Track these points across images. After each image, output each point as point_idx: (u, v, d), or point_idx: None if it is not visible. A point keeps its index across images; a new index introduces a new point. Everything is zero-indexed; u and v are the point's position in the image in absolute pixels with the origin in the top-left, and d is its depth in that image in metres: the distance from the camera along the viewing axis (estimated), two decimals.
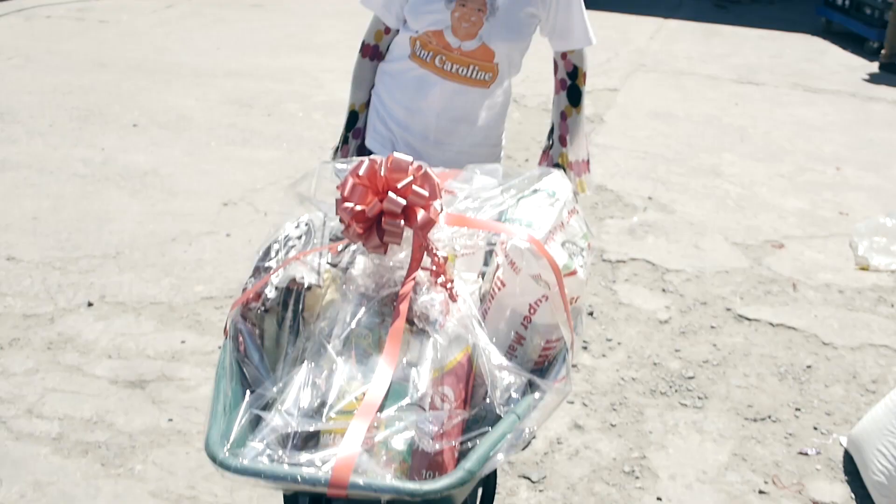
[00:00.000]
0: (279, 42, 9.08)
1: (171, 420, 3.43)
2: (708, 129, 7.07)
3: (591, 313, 4.33)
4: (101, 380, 3.65)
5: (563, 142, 2.89)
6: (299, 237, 1.91)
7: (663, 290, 4.56)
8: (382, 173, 1.71)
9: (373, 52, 2.87)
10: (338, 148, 2.96)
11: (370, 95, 2.91)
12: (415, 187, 1.67)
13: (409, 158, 1.73)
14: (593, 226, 5.21)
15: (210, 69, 8.07)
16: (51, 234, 4.88)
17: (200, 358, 3.82)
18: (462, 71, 2.70)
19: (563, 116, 2.91)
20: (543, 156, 3.00)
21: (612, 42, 9.86)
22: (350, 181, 1.72)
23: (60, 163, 5.85)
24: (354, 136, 2.93)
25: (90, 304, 4.19)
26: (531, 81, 7.28)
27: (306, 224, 1.95)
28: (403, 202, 1.67)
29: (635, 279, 4.67)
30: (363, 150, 2.92)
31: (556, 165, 2.87)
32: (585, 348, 4.03)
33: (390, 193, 1.69)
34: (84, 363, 3.76)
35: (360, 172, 1.72)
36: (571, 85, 2.91)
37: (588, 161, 2.96)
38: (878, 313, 4.49)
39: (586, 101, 3.21)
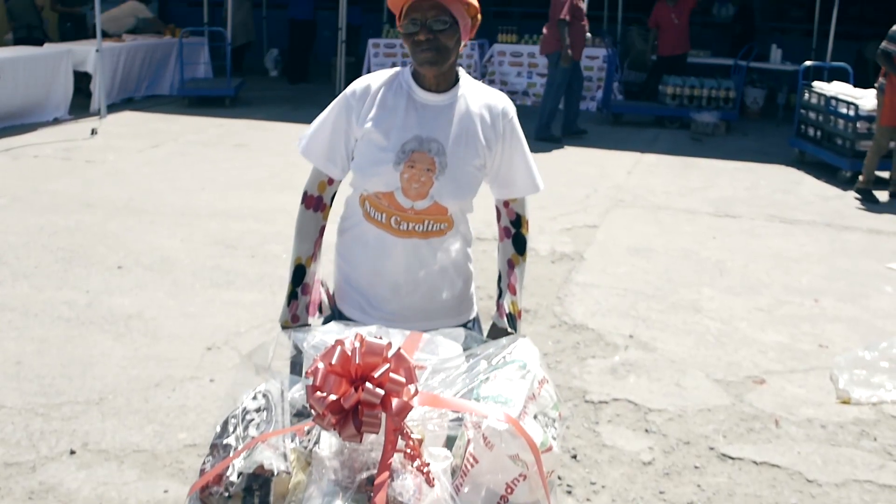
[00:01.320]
0: (263, 182, 9.22)
1: None
2: (686, 264, 7.17)
3: (574, 456, 4.32)
4: None
5: (512, 290, 2.91)
6: (258, 410, 1.86)
7: (646, 431, 4.57)
8: (357, 359, 1.70)
9: (316, 204, 2.87)
10: (286, 304, 2.89)
11: (315, 248, 2.89)
12: (391, 374, 1.67)
13: (383, 341, 1.72)
14: (575, 366, 5.25)
15: (195, 209, 8.17)
16: (34, 378, 4.87)
17: None
18: (418, 227, 2.73)
19: (511, 265, 2.92)
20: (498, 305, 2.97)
21: (590, 178, 10.06)
22: (322, 368, 1.69)
23: (45, 305, 5.88)
24: (303, 291, 2.88)
25: (73, 452, 4.17)
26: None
27: (264, 395, 1.90)
28: (382, 392, 1.65)
29: (618, 420, 4.68)
30: (339, 316, 2.91)
31: (509, 315, 2.87)
32: (570, 493, 4.02)
33: (368, 384, 1.66)
34: None
35: (333, 360, 1.69)
36: (516, 234, 2.92)
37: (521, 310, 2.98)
38: (861, 448, 4.49)
39: (565, 238, 3.27)
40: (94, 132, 11.66)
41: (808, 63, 12.70)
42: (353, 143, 2.78)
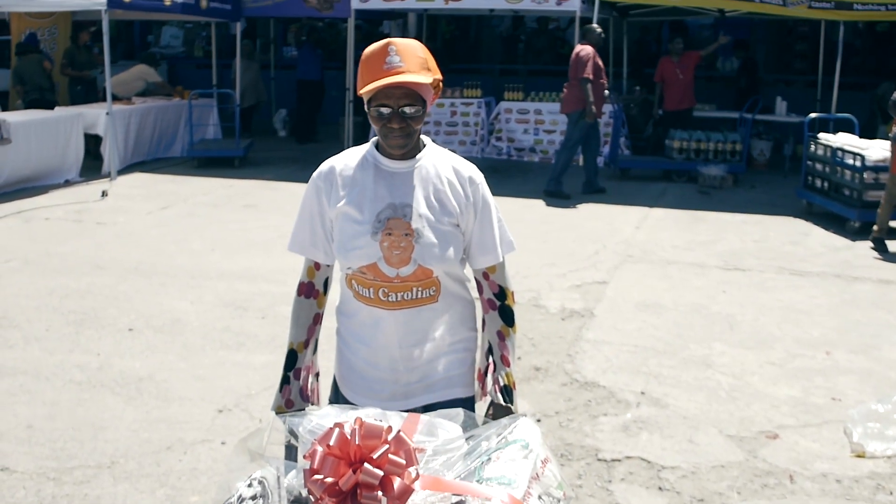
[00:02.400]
0: (272, 242, 9.26)
1: None
2: (697, 319, 7.16)
3: None
4: None
5: (506, 363, 2.88)
6: (253, 497, 1.83)
7: (660, 489, 4.54)
8: (356, 441, 1.67)
9: (307, 290, 2.92)
10: (279, 390, 2.91)
11: (308, 334, 2.92)
12: (391, 456, 1.64)
13: (383, 424, 1.70)
14: (587, 424, 5.23)
15: (204, 271, 8.21)
16: (46, 442, 4.87)
17: None
18: (406, 296, 2.74)
19: (501, 336, 2.90)
20: (481, 377, 2.98)
21: (599, 233, 10.08)
22: (320, 451, 1.67)
23: (56, 369, 5.89)
24: (295, 376, 2.91)
25: None
26: (520, 276, 7.44)
27: (259, 482, 1.87)
28: (381, 473, 1.63)
29: (631, 478, 4.65)
30: (341, 399, 2.92)
31: (505, 388, 2.84)
32: None
33: (366, 465, 1.64)
34: None
35: (331, 443, 1.67)
36: (502, 306, 2.91)
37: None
38: (877, 502, 4.46)
39: (575, 294, 3.28)
40: (104, 194, 11.76)
41: (813, 115, 12.76)
42: (329, 224, 2.82)
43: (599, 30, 12.56)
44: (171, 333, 6.59)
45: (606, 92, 12.93)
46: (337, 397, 2.96)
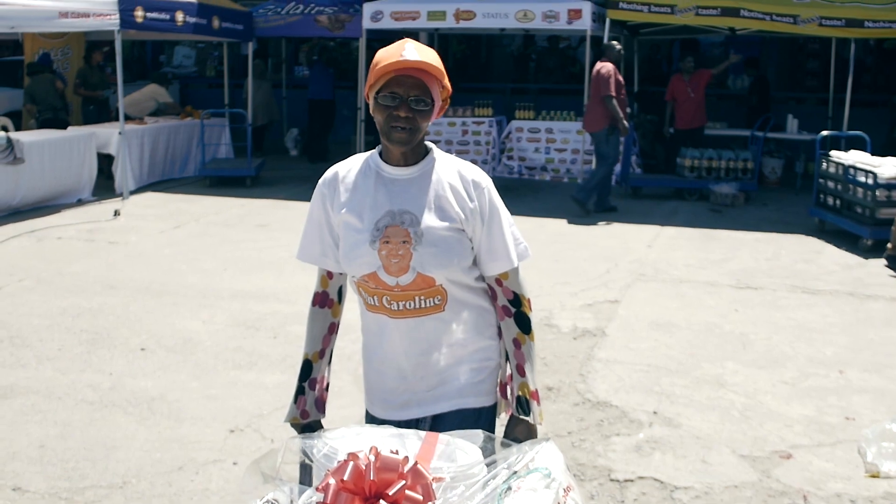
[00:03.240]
0: (284, 262, 9.27)
1: None
2: (709, 338, 7.13)
3: None
4: None
5: (521, 371, 2.80)
6: None
7: None
8: (371, 475, 1.62)
9: (321, 300, 2.90)
10: (293, 401, 2.90)
11: (324, 344, 2.90)
12: (407, 492, 1.59)
13: (399, 455, 1.66)
14: (599, 444, 5.21)
15: (216, 290, 8.22)
16: (58, 462, 4.88)
17: None
18: (409, 305, 2.71)
19: (517, 344, 2.82)
20: (501, 387, 2.92)
21: (611, 252, 10.07)
22: (333, 485, 1.62)
23: (68, 388, 5.90)
24: (310, 386, 2.88)
25: None
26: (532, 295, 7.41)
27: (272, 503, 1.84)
28: None
29: (644, 498, 4.62)
30: (370, 419, 2.90)
31: (519, 398, 2.79)
32: None
33: (382, 502, 1.59)
34: None
35: (345, 476, 1.62)
36: (517, 312, 2.83)
37: (538, 391, 2.86)
38: None
39: (587, 314, 3.25)
40: (116, 213, 11.80)
41: (824, 133, 12.75)
42: (335, 232, 2.80)
43: (619, 46, 12.62)
44: (183, 353, 6.60)
45: (628, 109, 12.98)
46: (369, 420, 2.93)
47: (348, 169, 2.83)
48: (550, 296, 8.02)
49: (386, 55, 2.64)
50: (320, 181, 2.86)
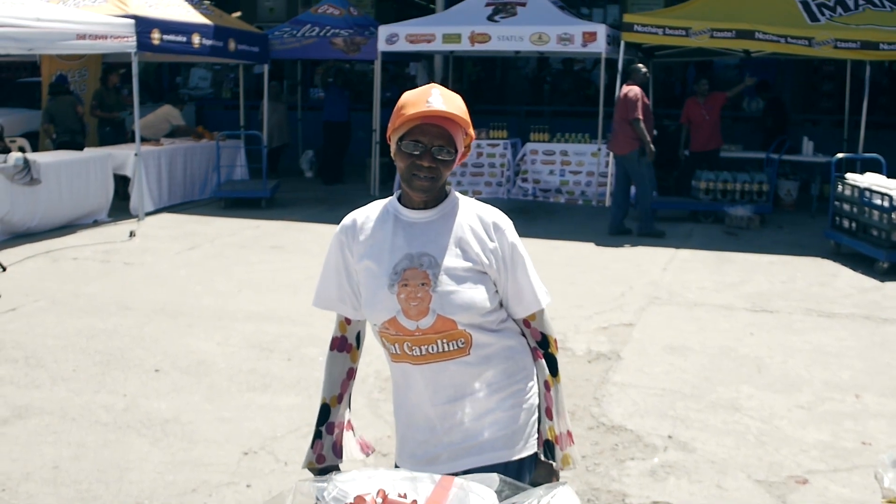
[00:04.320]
0: (299, 283, 9.28)
1: None
2: (724, 362, 7.10)
3: None
4: None
5: (549, 415, 2.75)
6: None
7: None
8: None
9: (340, 344, 2.87)
10: (310, 446, 2.87)
11: (342, 389, 2.88)
12: None
13: (407, 500, 1.62)
14: (614, 468, 5.18)
15: (231, 312, 8.23)
16: (71, 484, 4.88)
17: None
18: (431, 349, 2.64)
19: (547, 387, 2.77)
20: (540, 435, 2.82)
21: (626, 275, 10.05)
22: None
23: (83, 409, 5.91)
24: (328, 430, 2.85)
25: None
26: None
27: None
28: None
29: None
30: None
31: (546, 442, 2.73)
32: None
33: None
34: None
35: None
36: (546, 354, 2.80)
37: (570, 432, 2.81)
38: None
39: (601, 337, 3.22)
40: (132, 234, 11.85)
41: (840, 155, 12.71)
42: (354, 279, 2.76)
43: (645, 69, 12.63)
44: (197, 375, 6.61)
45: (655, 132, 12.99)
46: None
47: (366, 216, 2.79)
48: (565, 319, 8.00)
49: (411, 101, 2.59)
50: (338, 228, 2.81)
